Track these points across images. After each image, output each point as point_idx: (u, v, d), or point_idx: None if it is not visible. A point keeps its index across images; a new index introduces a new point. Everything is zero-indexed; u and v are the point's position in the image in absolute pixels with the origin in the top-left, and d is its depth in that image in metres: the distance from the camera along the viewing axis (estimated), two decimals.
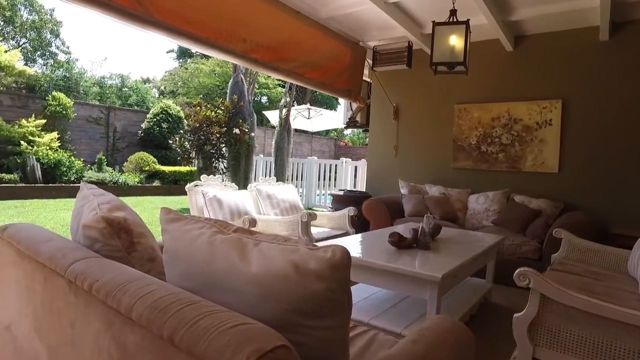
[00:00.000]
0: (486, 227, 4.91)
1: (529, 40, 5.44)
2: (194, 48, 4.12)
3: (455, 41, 3.76)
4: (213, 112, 9.83)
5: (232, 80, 10.95)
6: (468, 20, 3.80)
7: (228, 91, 10.83)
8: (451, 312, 2.93)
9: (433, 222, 3.12)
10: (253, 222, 3.34)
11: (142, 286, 1.03)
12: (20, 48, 16.11)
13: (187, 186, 4.06)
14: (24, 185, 9.99)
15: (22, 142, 10.70)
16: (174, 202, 10.86)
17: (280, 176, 10.70)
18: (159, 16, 3.57)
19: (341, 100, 15.35)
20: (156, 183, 12.56)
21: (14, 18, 16.32)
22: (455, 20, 3.80)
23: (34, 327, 1.43)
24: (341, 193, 6.77)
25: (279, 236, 1.15)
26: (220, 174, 10.16)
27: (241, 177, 10.30)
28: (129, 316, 0.97)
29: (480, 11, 4.43)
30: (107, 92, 17.19)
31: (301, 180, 11.26)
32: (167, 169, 13.04)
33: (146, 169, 12.65)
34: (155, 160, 13.12)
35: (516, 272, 2.23)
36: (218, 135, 9.67)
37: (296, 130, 14.36)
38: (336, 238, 3.78)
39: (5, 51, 11.93)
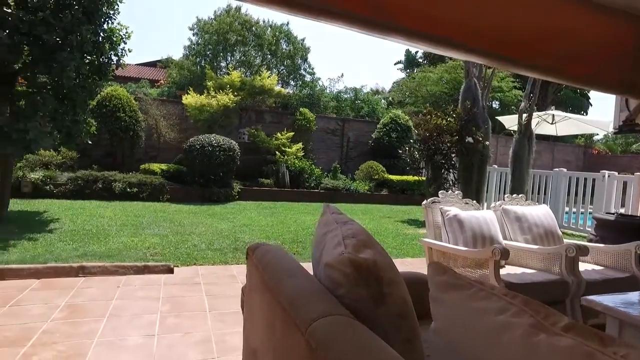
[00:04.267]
0: None
1: None
2: (435, 50, 3.72)
3: None
4: (444, 120, 9.33)
5: (464, 85, 10.20)
6: None
7: (460, 97, 10.13)
8: None
9: None
10: (505, 253, 2.71)
11: None
12: (278, 73, 19.29)
13: (424, 203, 3.71)
14: (277, 189, 11.70)
15: (277, 152, 12.60)
16: (400, 211, 10.84)
17: (517, 190, 9.34)
18: (399, 20, 3.32)
19: (600, 100, 12.55)
20: (384, 191, 12.87)
21: (277, 50, 19.69)
22: None
23: None
24: (610, 217, 5.27)
25: None
26: (449, 185, 9.57)
27: (472, 189, 9.44)
28: None
29: None
30: (343, 105, 18.83)
31: (544, 195, 9.59)
32: (395, 177, 13.22)
33: (375, 177, 13.11)
34: (384, 169, 13.49)
35: None
36: (449, 145, 9.12)
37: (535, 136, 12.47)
38: (618, 283, 2.77)
39: (268, 77, 14.34)
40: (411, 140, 11.92)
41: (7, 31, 5.49)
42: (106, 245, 5.22)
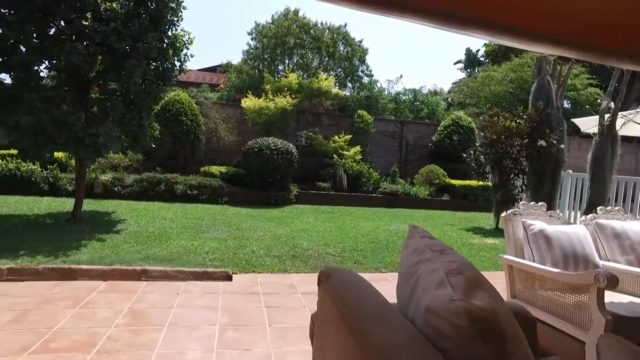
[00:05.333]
0: None
1: None
2: (519, 45, 3.33)
3: None
4: (513, 122, 8.68)
5: (535, 84, 9.43)
6: None
7: (530, 97, 9.37)
8: None
9: None
10: (614, 281, 2.26)
11: None
12: (336, 75, 19.15)
13: (504, 214, 3.32)
14: (334, 193, 11.51)
15: (334, 155, 12.42)
16: (463, 218, 10.25)
17: (597, 199, 8.46)
18: (482, 13, 2.98)
19: None
20: (445, 197, 12.28)
21: (334, 52, 19.57)
22: None
23: None
24: None
25: None
26: (518, 191, 8.88)
27: (544, 197, 8.69)
28: None
29: None
30: (401, 107, 18.31)
31: (630, 203, 8.62)
32: (457, 182, 12.59)
33: (436, 182, 12.55)
34: (445, 173, 12.88)
35: None
36: (518, 148, 8.46)
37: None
38: None
39: (325, 79, 14.22)
40: (476, 144, 11.25)
41: (86, 42, 5.75)
42: (167, 249, 5.27)
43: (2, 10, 5.52)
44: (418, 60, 59.22)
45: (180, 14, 6.82)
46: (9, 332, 3.03)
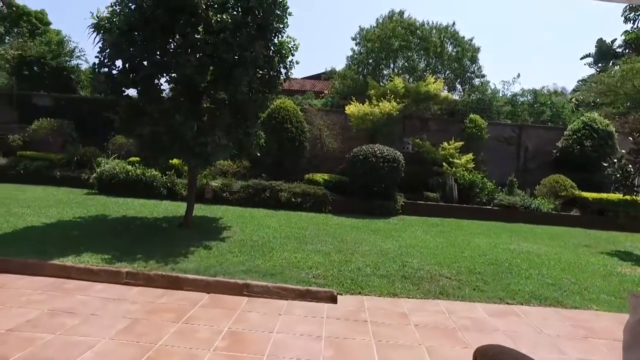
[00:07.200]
0: None
1: None
2: None
3: None
4: None
5: None
6: None
7: None
8: None
9: None
10: None
11: None
12: (444, 78, 18.03)
13: None
14: (443, 204, 10.62)
15: (443, 163, 11.51)
16: (601, 239, 8.65)
17: None
18: None
19: None
20: (574, 212, 10.61)
21: (442, 53, 18.47)
22: None
23: None
24: None
25: None
26: None
27: None
28: None
29: None
30: (519, 109, 16.49)
31: None
32: (589, 195, 10.80)
33: (562, 194, 10.92)
34: (573, 184, 11.17)
35: None
36: None
37: None
38: None
39: (434, 82, 13.35)
40: (622, 151, 9.47)
41: (198, 55, 5.92)
42: (270, 261, 5.09)
43: (134, 32, 5.94)
44: (536, 58, 54.03)
45: (285, 20, 6.72)
46: (118, 342, 3.02)
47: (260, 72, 6.66)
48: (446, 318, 3.85)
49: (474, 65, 19.08)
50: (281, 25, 6.70)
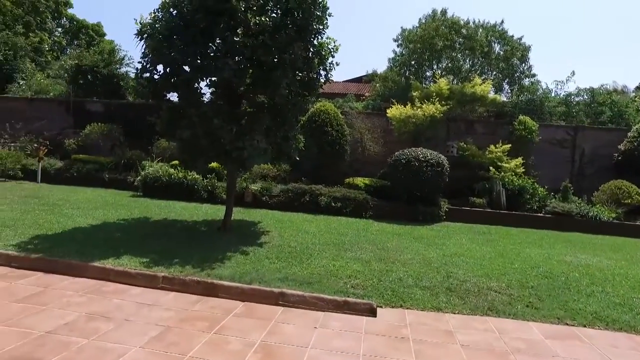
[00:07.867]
0: None
1: None
2: None
3: None
4: None
5: None
6: None
7: None
8: None
9: None
10: None
11: None
12: (492, 78, 17.25)
13: None
14: (490, 210, 10.07)
15: (490, 167, 10.94)
16: None
17: None
18: None
19: None
20: None
21: (489, 53, 17.72)
22: None
23: None
24: None
25: None
26: None
27: None
28: None
29: None
30: (574, 110, 15.44)
31: None
32: None
33: (626, 201, 10.06)
34: (639, 190, 10.26)
35: None
36: None
37: None
38: None
39: (481, 83, 12.75)
40: None
41: (237, 58, 5.86)
42: (307, 269, 4.91)
43: (174, 37, 5.98)
44: (592, 55, 51.01)
45: (325, 21, 6.56)
46: (148, 351, 2.95)
47: (300, 74, 6.53)
48: (496, 338, 3.51)
49: (523, 64, 18.19)
50: (321, 27, 6.53)
